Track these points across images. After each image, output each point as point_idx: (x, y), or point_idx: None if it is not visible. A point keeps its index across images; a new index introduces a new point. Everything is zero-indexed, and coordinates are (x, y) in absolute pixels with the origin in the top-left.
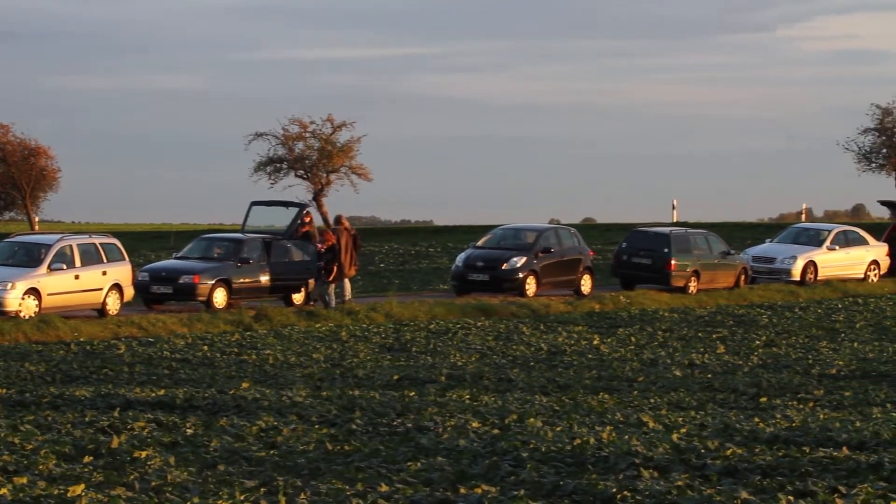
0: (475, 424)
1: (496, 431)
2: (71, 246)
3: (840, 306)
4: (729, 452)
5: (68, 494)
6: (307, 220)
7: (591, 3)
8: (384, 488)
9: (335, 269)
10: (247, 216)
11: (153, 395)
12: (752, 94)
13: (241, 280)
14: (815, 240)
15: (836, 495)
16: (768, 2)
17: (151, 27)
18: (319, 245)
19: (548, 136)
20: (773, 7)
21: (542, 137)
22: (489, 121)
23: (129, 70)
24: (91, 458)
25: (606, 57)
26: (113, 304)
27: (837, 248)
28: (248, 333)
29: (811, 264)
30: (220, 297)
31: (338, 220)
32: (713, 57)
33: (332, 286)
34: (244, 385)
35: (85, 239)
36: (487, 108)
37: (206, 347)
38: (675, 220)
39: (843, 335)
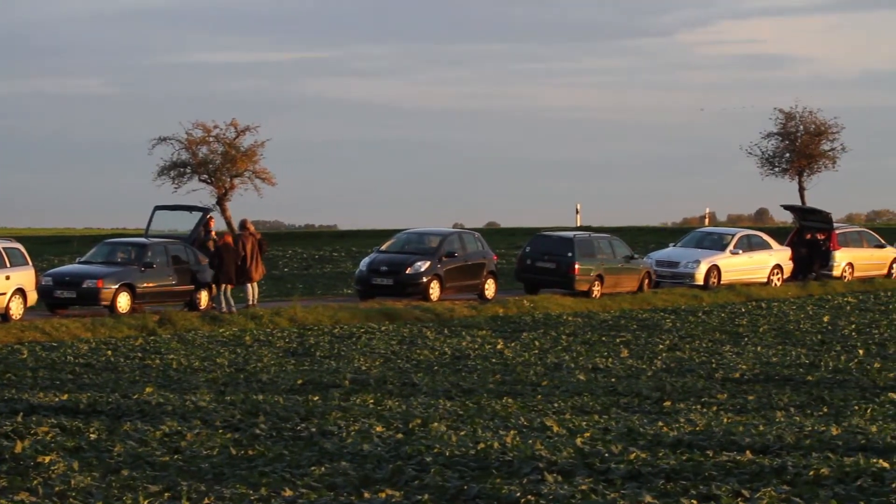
0: (379, 429)
1: (400, 436)
2: None
3: (743, 310)
4: (633, 456)
5: None
6: (210, 224)
7: (494, 6)
8: (288, 493)
9: (228, 273)
10: (150, 221)
11: (57, 399)
12: (654, 98)
13: (145, 284)
14: (718, 244)
15: (739, 499)
16: (670, 6)
17: (54, 31)
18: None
19: (452, 139)
20: (675, 12)
21: (445, 141)
22: (393, 125)
23: (33, 74)
24: None
25: (509, 61)
26: (16, 309)
27: (741, 252)
28: (152, 338)
29: (714, 268)
30: (123, 302)
31: (242, 224)
32: (616, 61)
33: (226, 290)
34: (148, 390)
35: None
36: (391, 112)
37: (109, 352)
38: (578, 225)
39: (746, 339)
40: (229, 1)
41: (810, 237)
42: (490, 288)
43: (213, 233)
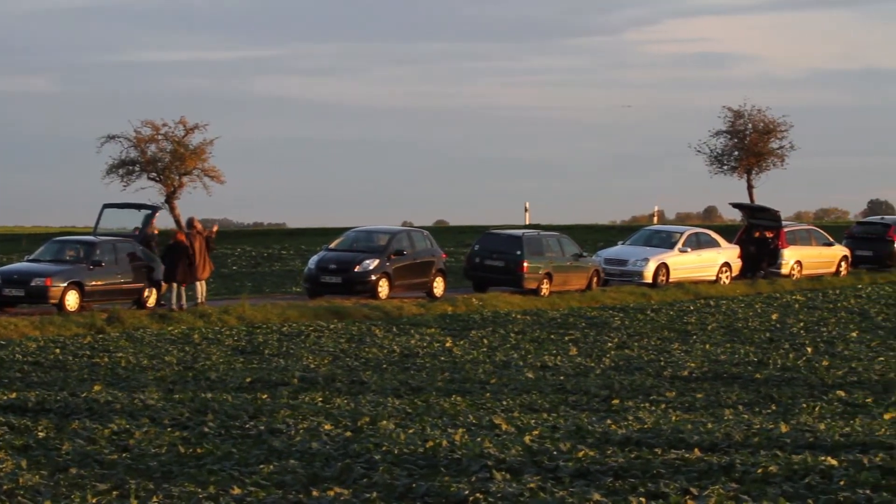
0: (328, 427)
1: (349, 434)
2: None
3: (692, 308)
4: (581, 454)
5: None
6: (153, 222)
7: (439, 5)
8: (237, 491)
9: (179, 271)
10: (99, 219)
11: (4, 398)
12: (601, 96)
13: (94, 283)
14: (666, 242)
15: (687, 497)
16: (616, 5)
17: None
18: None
19: (400, 138)
20: (621, 10)
21: (393, 139)
22: (341, 123)
23: None
24: None
25: (456, 59)
26: None
27: (689, 250)
28: (101, 336)
29: (663, 266)
30: (72, 300)
31: (190, 222)
32: (563, 60)
33: (178, 288)
34: (96, 388)
35: None
36: (340, 110)
37: (58, 350)
38: (527, 223)
39: (694, 337)
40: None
41: (759, 235)
42: (439, 286)
43: (155, 230)
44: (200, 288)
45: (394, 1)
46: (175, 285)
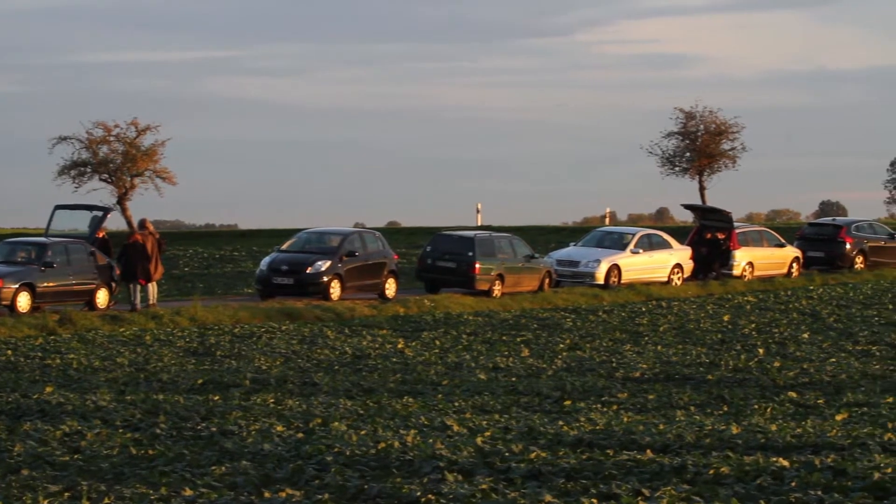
0: (280, 428)
1: (301, 435)
2: None
3: (644, 310)
4: (533, 455)
5: None
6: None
7: (394, 6)
8: (188, 492)
9: (135, 270)
10: (50, 220)
11: None
12: (554, 97)
13: (46, 284)
14: (618, 243)
15: (639, 498)
16: (569, 6)
17: None
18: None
19: (352, 139)
20: (574, 11)
21: (346, 141)
22: (294, 124)
23: None
24: None
25: (409, 60)
26: None
27: (641, 251)
28: (52, 338)
29: (615, 268)
30: (23, 302)
31: (142, 224)
32: (515, 60)
33: (135, 287)
34: (48, 389)
35: None
36: (292, 111)
37: (9, 352)
38: (479, 224)
39: (646, 338)
40: (130, 1)
41: (710, 236)
42: (391, 287)
43: (102, 232)
44: (152, 290)
45: (347, 2)
46: (132, 287)
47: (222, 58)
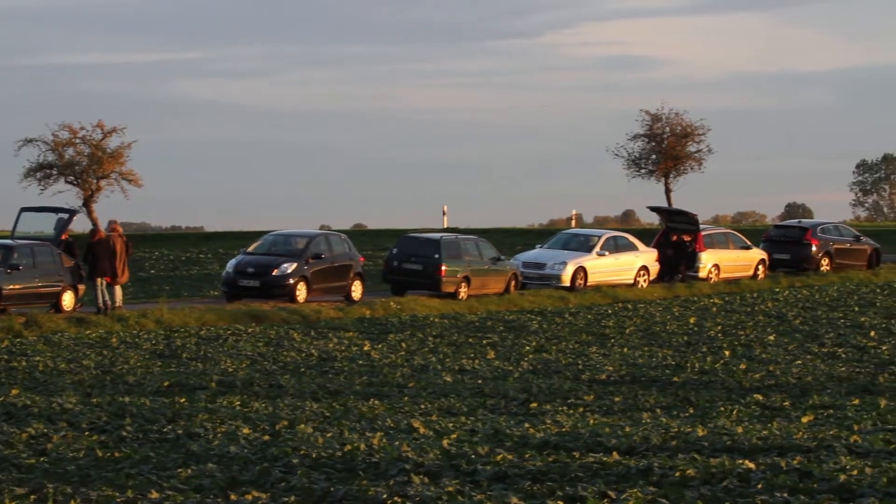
0: (246, 431)
1: (267, 438)
2: None
3: (610, 312)
4: (499, 458)
5: None
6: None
7: (358, 8)
8: (155, 495)
9: (103, 268)
10: (16, 222)
11: None
12: (519, 99)
13: (11, 286)
14: (584, 245)
15: (605, 500)
16: (535, 7)
17: None
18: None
19: (318, 141)
20: (541, 13)
21: (312, 143)
22: (260, 126)
23: None
24: None
25: (375, 62)
26: None
27: (607, 253)
28: (18, 340)
29: (581, 270)
30: None
31: (110, 226)
32: (480, 62)
33: (103, 285)
34: (14, 392)
35: None
36: (258, 113)
37: None
38: (445, 226)
39: (612, 341)
40: (96, 2)
41: (676, 239)
42: (357, 289)
43: (66, 234)
44: (118, 292)
45: (311, 4)
46: (100, 283)
47: (187, 60)
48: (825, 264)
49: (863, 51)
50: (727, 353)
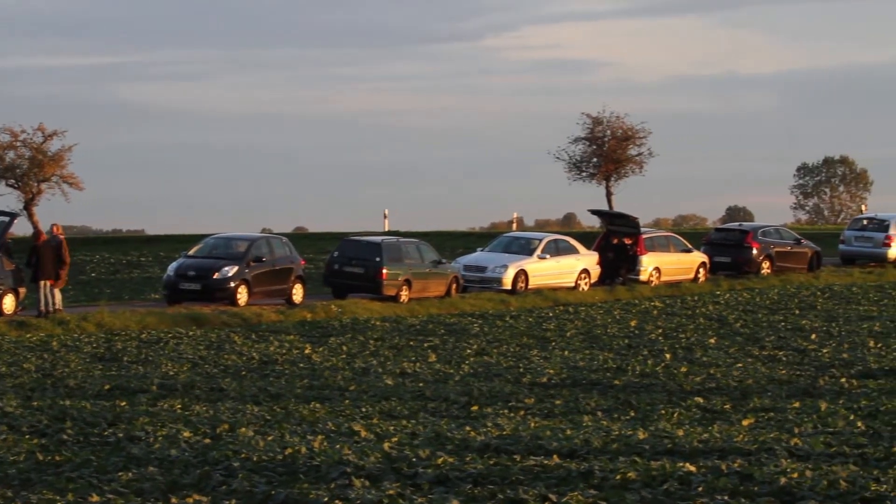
0: (187, 434)
1: (208, 441)
2: None
3: (551, 315)
4: (440, 461)
5: None
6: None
7: (297, 12)
8: (95, 499)
9: (46, 270)
10: None
11: None
12: (460, 102)
13: None
14: (525, 249)
15: (546, 503)
16: (475, 11)
17: None
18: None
19: (260, 144)
20: (480, 16)
21: (254, 146)
22: (202, 129)
23: None
24: None
25: (318, 65)
26: None
27: (548, 256)
28: None
29: (522, 273)
30: None
31: (51, 230)
32: (420, 66)
33: (46, 287)
34: None
35: None
36: (200, 116)
37: None
38: (386, 230)
39: (553, 344)
40: (37, 5)
41: (617, 242)
42: (298, 293)
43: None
44: (58, 295)
45: (253, 8)
46: (43, 286)
47: (129, 63)
48: (766, 267)
49: (803, 54)
50: (668, 356)
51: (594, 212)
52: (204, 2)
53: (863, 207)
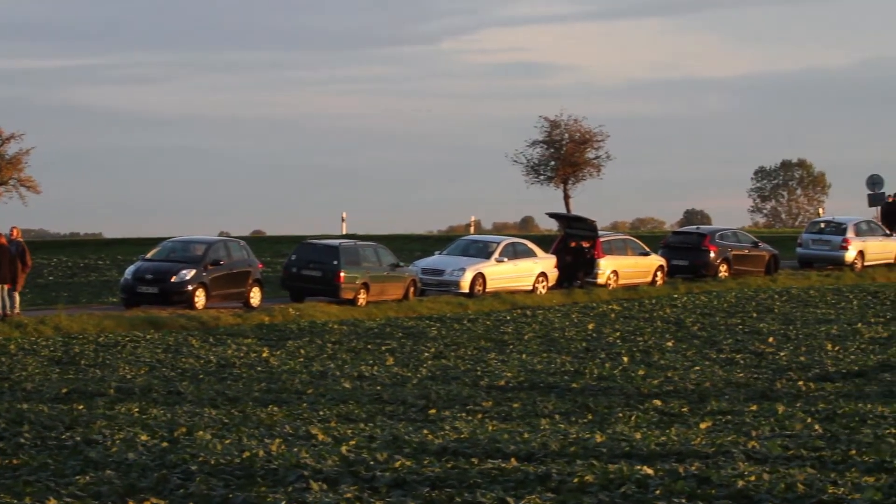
0: (144, 437)
1: (165, 444)
2: None
3: (509, 318)
4: (398, 464)
5: None
6: None
7: (260, 15)
8: (53, 502)
9: (3, 273)
10: None
11: None
12: (418, 105)
13: None
14: (483, 252)
15: None
16: (434, 13)
17: None
18: None
19: (217, 147)
20: (439, 19)
21: (211, 149)
22: (158, 132)
23: None
24: None
25: (274, 69)
26: None
27: (506, 260)
28: None
29: (480, 276)
30: None
31: (10, 232)
32: (379, 69)
33: (4, 290)
34: None
35: None
36: (157, 119)
37: None
38: (344, 233)
39: (511, 347)
40: None
41: (575, 245)
42: (255, 296)
43: None
44: (16, 298)
45: (213, 11)
46: (1, 290)
47: (87, 66)
48: (723, 270)
49: (762, 57)
50: (626, 359)
51: (552, 215)
52: (159, 5)
53: (820, 210)
